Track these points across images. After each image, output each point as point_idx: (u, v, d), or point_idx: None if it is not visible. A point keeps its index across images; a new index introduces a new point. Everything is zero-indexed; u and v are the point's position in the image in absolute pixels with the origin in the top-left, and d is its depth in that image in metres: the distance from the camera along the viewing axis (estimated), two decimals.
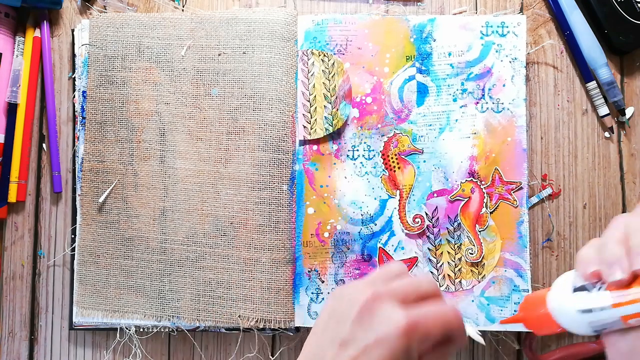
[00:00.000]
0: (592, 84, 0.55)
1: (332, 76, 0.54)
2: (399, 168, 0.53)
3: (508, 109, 0.53)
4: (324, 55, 0.54)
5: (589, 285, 0.33)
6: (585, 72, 0.55)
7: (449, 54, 0.54)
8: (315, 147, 0.54)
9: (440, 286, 0.52)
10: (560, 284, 0.35)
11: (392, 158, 0.53)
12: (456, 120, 0.53)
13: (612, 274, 0.31)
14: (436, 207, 0.53)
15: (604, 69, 0.54)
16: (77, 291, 0.54)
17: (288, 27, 0.54)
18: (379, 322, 0.31)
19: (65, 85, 0.57)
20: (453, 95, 0.53)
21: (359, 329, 0.31)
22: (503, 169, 0.53)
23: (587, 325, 0.32)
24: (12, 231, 0.57)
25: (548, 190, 0.54)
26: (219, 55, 0.54)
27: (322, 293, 0.53)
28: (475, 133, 0.53)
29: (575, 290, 0.33)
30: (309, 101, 0.54)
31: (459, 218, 0.52)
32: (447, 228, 0.53)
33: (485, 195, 0.53)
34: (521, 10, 0.56)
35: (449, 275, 0.52)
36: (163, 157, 0.54)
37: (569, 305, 0.33)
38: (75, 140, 0.56)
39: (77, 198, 0.55)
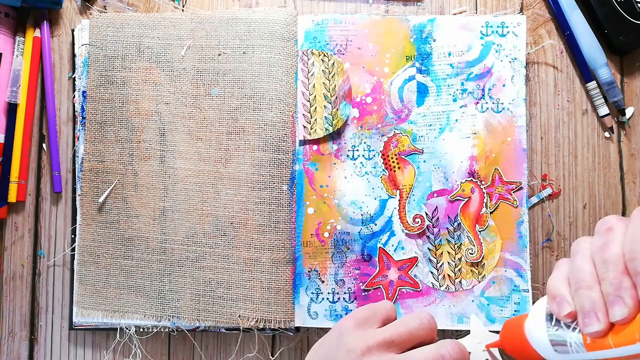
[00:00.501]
0: (592, 84, 0.55)
1: (332, 76, 0.54)
2: (399, 168, 0.53)
3: (508, 109, 0.53)
4: (324, 55, 0.54)
5: (563, 324, 0.32)
6: (585, 72, 0.55)
7: (449, 54, 0.54)
8: (315, 147, 0.54)
9: (440, 286, 0.52)
10: (536, 311, 0.34)
11: (392, 158, 0.53)
12: (456, 120, 0.53)
13: (589, 325, 0.30)
14: (436, 207, 0.53)
15: (604, 69, 0.54)
16: (77, 291, 0.54)
17: (288, 27, 0.54)
18: None
19: (65, 85, 0.57)
20: (453, 95, 0.53)
21: None
22: (503, 169, 0.53)
23: None
24: (12, 231, 0.57)
25: (548, 190, 0.54)
26: (219, 55, 0.54)
27: (322, 293, 0.53)
28: (475, 133, 0.53)
29: (551, 322, 0.32)
30: (309, 101, 0.54)
31: (459, 218, 0.52)
32: (447, 228, 0.53)
33: (485, 195, 0.53)
34: (521, 10, 0.56)
35: (449, 275, 0.52)
36: (163, 157, 0.54)
37: (544, 338, 0.32)
38: (75, 140, 0.56)
39: (77, 198, 0.55)
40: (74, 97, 0.56)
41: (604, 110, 0.54)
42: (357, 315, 0.39)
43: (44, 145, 0.57)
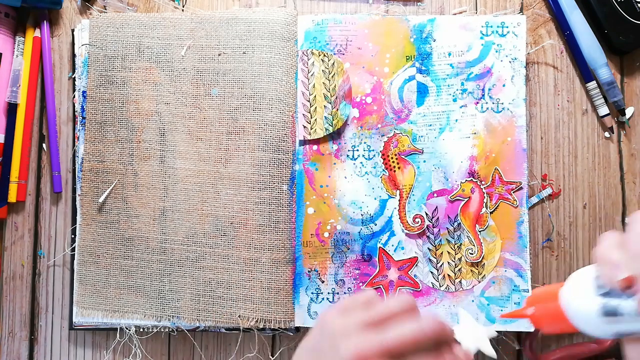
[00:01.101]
0: (592, 84, 0.55)
1: (332, 76, 0.54)
2: (399, 168, 0.53)
3: (508, 109, 0.53)
4: (324, 55, 0.54)
5: (617, 292, 0.30)
6: (585, 72, 0.55)
7: (449, 54, 0.54)
8: (315, 147, 0.54)
9: (440, 286, 0.52)
10: (577, 281, 0.32)
11: (392, 158, 0.53)
12: (456, 120, 0.53)
13: None
14: (436, 207, 0.53)
15: (604, 69, 0.54)
16: (77, 291, 0.54)
17: (288, 27, 0.54)
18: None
19: (65, 85, 0.57)
20: (453, 95, 0.53)
21: None
22: (503, 169, 0.53)
23: (609, 331, 0.30)
24: (12, 231, 0.57)
25: (548, 190, 0.54)
26: (219, 55, 0.54)
27: (322, 293, 0.53)
28: (475, 133, 0.53)
29: (600, 294, 0.31)
30: (309, 101, 0.54)
31: (459, 218, 0.52)
32: (447, 228, 0.53)
33: (485, 195, 0.53)
34: (521, 10, 0.56)
35: (449, 275, 0.52)
36: (163, 157, 0.54)
37: (589, 308, 0.31)
38: (75, 140, 0.56)
39: (77, 198, 0.55)
40: (74, 97, 0.56)
41: (604, 110, 0.54)
42: (339, 304, 0.37)
43: (44, 145, 0.57)
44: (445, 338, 0.35)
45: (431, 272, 0.52)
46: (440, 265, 0.52)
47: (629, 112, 0.55)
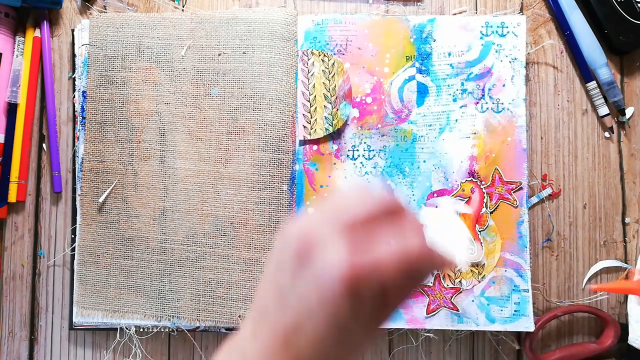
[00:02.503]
0: (592, 84, 0.55)
1: (332, 76, 0.54)
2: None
3: (508, 109, 0.53)
4: (324, 55, 0.54)
5: None
6: (585, 72, 0.55)
7: (449, 54, 0.54)
8: (315, 147, 0.54)
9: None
10: None
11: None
12: (456, 120, 0.53)
13: None
14: (436, 207, 0.53)
15: (604, 69, 0.54)
16: (77, 291, 0.54)
17: (288, 27, 0.54)
18: (317, 267, 0.25)
19: (65, 85, 0.57)
20: (453, 95, 0.53)
21: (298, 276, 0.25)
22: (503, 169, 0.53)
23: None
24: (12, 231, 0.57)
25: (548, 190, 0.54)
26: (219, 55, 0.54)
27: None
28: (475, 133, 0.53)
29: None
30: (309, 101, 0.54)
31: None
32: None
33: (485, 195, 0.53)
34: (521, 10, 0.56)
35: (449, 275, 0.52)
36: (163, 157, 0.54)
37: None
38: (75, 140, 0.56)
39: (77, 198, 0.55)
40: (74, 97, 0.56)
41: (604, 110, 0.54)
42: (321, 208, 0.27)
43: (44, 145, 0.57)
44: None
45: (431, 272, 0.52)
46: None
47: (629, 112, 0.55)
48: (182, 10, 0.57)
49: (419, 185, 0.53)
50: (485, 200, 0.52)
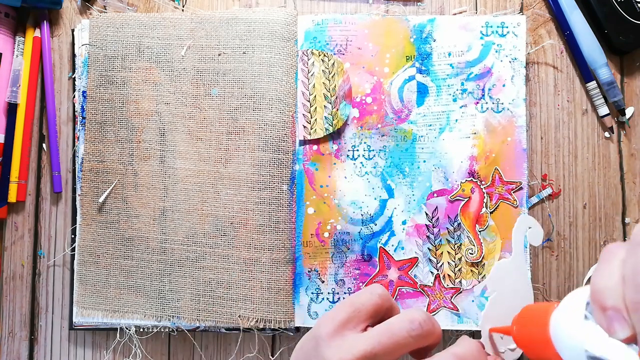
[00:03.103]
0: (592, 84, 0.55)
1: (332, 76, 0.54)
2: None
3: (508, 109, 0.53)
4: (324, 55, 0.54)
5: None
6: (585, 72, 0.55)
7: (449, 54, 0.54)
8: (315, 147, 0.54)
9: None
10: (572, 306, 0.27)
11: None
12: (456, 120, 0.53)
13: None
14: (436, 207, 0.53)
15: (604, 69, 0.54)
16: (77, 291, 0.54)
17: (288, 27, 0.54)
18: None
19: (65, 85, 0.57)
20: (453, 95, 0.53)
21: None
22: (503, 169, 0.53)
23: None
24: (12, 231, 0.57)
25: (548, 190, 0.54)
26: (219, 55, 0.54)
27: (322, 293, 0.53)
28: (475, 133, 0.53)
29: (591, 327, 0.25)
30: (309, 101, 0.54)
31: (459, 218, 0.52)
32: (447, 228, 0.53)
33: (485, 195, 0.53)
34: (521, 10, 0.56)
35: (449, 275, 0.52)
36: (163, 157, 0.54)
37: (577, 344, 0.25)
38: (75, 140, 0.56)
39: (77, 198, 0.55)
40: (74, 97, 0.56)
41: (604, 110, 0.54)
42: (337, 316, 0.33)
43: (44, 145, 0.57)
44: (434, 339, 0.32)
45: (431, 272, 0.52)
46: (440, 265, 0.52)
47: (629, 112, 0.55)
48: (182, 10, 0.57)
49: (419, 185, 0.53)
50: (485, 200, 0.52)
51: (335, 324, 0.33)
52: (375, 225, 0.53)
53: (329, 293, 0.53)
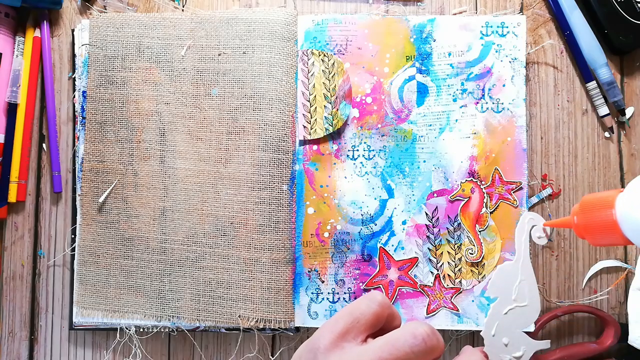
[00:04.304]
0: (592, 84, 0.55)
1: (332, 76, 0.54)
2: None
3: (508, 109, 0.53)
4: (324, 55, 0.54)
5: None
6: (585, 72, 0.55)
7: (449, 54, 0.54)
8: (315, 147, 0.54)
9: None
10: (637, 188, 0.27)
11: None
12: (456, 120, 0.53)
13: None
14: (436, 207, 0.53)
15: (604, 69, 0.54)
16: (77, 291, 0.54)
17: (288, 27, 0.54)
18: None
19: (65, 85, 0.57)
20: (453, 95, 0.53)
21: None
22: (503, 169, 0.53)
23: None
24: (12, 231, 0.57)
25: (548, 190, 0.54)
26: (219, 55, 0.54)
27: (322, 293, 0.53)
28: (475, 133, 0.53)
29: None
30: (309, 101, 0.54)
31: (459, 218, 0.52)
32: (447, 228, 0.53)
33: (485, 195, 0.53)
34: (521, 10, 0.56)
35: (449, 275, 0.52)
36: (163, 157, 0.54)
37: None
38: (75, 140, 0.56)
39: (77, 198, 0.55)
40: (74, 97, 0.56)
41: (604, 110, 0.54)
42: (335, 327, 0.32)
43: (44, 145, 0.57)
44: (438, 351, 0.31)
45: (431, 272, 0.52)
46: (440, 265, 0.52)
47: (629, 112, 0.55)
48: (182, 10, 0.57)
49: (419, 185, 0.53)
50: (485, 200, 0.52)
51: (333, 336, 0.32)
52: (375, 225, 0.53)
53: (329, 293, 0.53)
